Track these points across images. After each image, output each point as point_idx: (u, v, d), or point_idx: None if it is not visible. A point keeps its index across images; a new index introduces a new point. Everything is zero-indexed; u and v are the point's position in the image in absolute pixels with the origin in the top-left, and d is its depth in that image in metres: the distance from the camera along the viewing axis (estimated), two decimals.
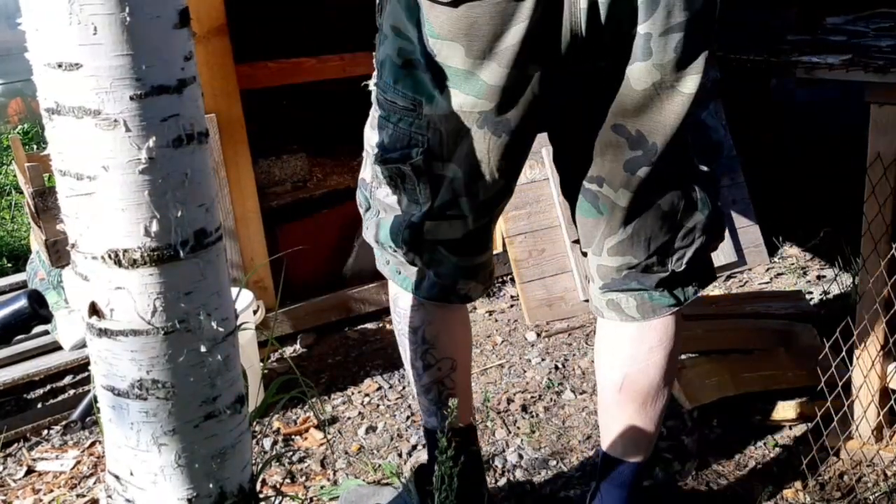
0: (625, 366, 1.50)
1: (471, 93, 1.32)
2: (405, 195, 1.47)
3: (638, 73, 1.29)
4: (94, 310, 0.91)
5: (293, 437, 2.14)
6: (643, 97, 1.31)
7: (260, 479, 1.80)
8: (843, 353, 1.77)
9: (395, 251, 1.53)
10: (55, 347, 2.31)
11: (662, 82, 1.30)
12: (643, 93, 1.31)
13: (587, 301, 2.64)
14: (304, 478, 1.97)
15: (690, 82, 1.30)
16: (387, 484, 1.91)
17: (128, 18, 0.81)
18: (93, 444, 2.13)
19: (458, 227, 1.48)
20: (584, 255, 1.51)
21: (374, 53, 1.43)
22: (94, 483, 1.99)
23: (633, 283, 1.46)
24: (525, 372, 2.37)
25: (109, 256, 0.88)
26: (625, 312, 1.48)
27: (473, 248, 1.52)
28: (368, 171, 1.52)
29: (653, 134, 1.34)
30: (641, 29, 1.26)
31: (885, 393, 1.79)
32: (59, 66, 0.83)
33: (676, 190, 1.39)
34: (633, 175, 1.36)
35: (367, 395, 2.31)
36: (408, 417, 2.18)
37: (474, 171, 1.41)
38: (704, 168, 1.39)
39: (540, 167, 2.75)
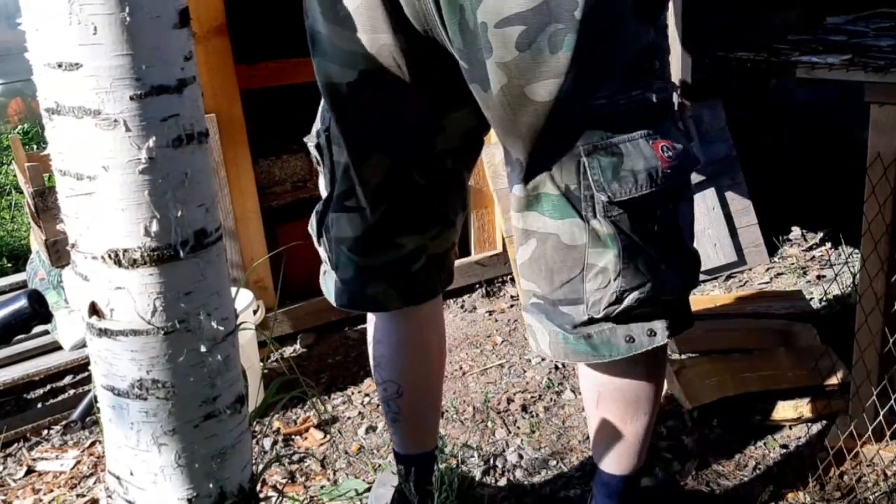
0: (598, 384, 1.42)
1: (335, 60, 1.28)
2: (323, 181, 1.46)
3: (490, 75, 1.16)
4: (93, 310, 0.91)
5: (293, 437, 2.14)
6: (499, 105, 1.18)
7: (260, 479, 1.80)
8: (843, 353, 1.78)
9: (318, 247, 1.51)
10: (55, 347, 2.32)
11: (510, 87, 1.15)
12: (497, 100, 1.17)
13: None
14: (304, 478, 1.97)
15: (542, 89, 1.13)
16: None
17: (128, 18, 0.81)
18: (93, 443, 2.13)
19: (357, 223, 1.41)
20: None
21: None
22: (94, 483, 1.99)
23: (542, 316, 1.34)
24: (525, 372, 2.37)
25: (109, 256, 0.88)
26: (539, 344, 1.36)
27: (377, 245, 1.44)
28: None
29: (515, 149, 1.23)
30: (479, 16, 1.11)
31: (884, 393, 1.78)
32: (59, 65, 0.83)
33: (575, 219, 1.23)
34: (513, 194, 1.27)
35: (367, 394, 2.31)
36: None
37: (356, 151, 1.35)
38: (602, 197, 1.19)
39: None
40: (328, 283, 1.55)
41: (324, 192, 1.48)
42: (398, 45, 1.25)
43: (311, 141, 1.46)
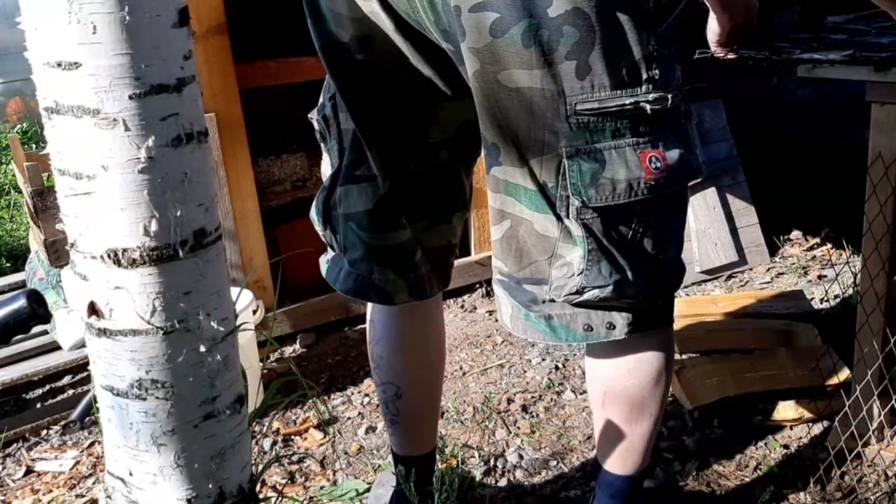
0: (604, 384, 1.42)
1: (329, 21, 1.30)
2: (329, 159, 1.45)
3: (465, 59, 1.16)
4: (93, 309, 0.91)
5: (293, 437, 2.14)
6: (474, 89, 1.19)
7: (259, 480, 1.80)
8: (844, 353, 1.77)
9: (322, 232, 1.51)
10: (54, 347, 2.31)
11: (483, 73, 1.15)
12: (472, 84, 1.19)
13: None
14: (303, 478, 1.96)
15: (516, 77, 1.13)
16: None
17: (127, 17, 0.81)
18: (92, 444, 2.13)
19: (369, 194, 1.41)
20: None
21: None
22: (93, 483, 1.98)
23: (505, 291, 1.35)
24: (525, 372, 2.37)
25: (108, 256, 0.87)
26: (502, 316, 1.37)
27: (385, 222, 1.43)
28: None
29: (490, 133, 1.23)
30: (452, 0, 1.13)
31: (885, 393, 1.78)
32: (59, 65, 0.82)
33: (549, 215, 1.23)
34: (489, 174, 1.28)
35: (366, 395, 2.31)
36: None
37: (362, 116, 1.36)
38: (576, 201, 1.19)
39: None
40: (333, 269, 1.53)
41: (328, 171, 1.47)
42: (389, 19, 1.26)
43: (315, 115, 1.45)
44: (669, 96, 1.17)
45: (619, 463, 1.49)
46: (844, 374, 2.02)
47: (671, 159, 1.20)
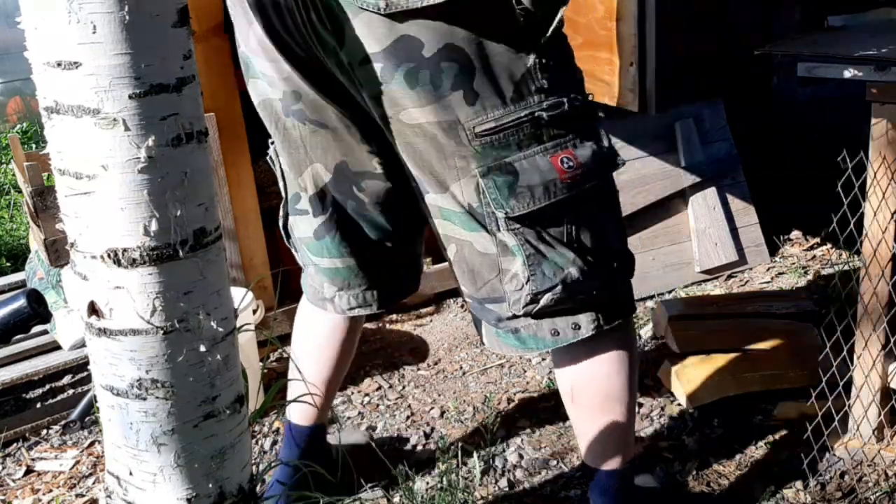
0: (571, 378, 1.46)
1: (262, 79, 1.38)
2: (282, 185, 1.60)
3: (369, 105, 1.27)
4: (93, 309, 0.91)
5: None
6: (385, 131, 1.29)
7: (260, 480, 1.79)
8: (844, 352, 1.77)
9: (290, 247, 1.66)
10: (54, 347, 2.31)
11: (384, 116, 1.25)
12: (382, 125, 1.28)
13: None
14: None
15: (414, 115, 1.22)
16: None
17: (127, 17, 0.81)
18: (92, 443, 2.13)
19: (307, 225, 1.53)
20: None
21: None
22: (94, 483, 1.98)
23: (474, 312, 1.43)
24: (525, 372, 2.37)
25: (108, 256, 0.87)
26: (482, 336, 1.45)
27: (325, 250, 1.54)
28: None
29: (409, 168, 1.31)
30: (344, 57, 1.23)
31: (885, 393, 1.78)
32: (59, 64, 0.82)
33: (482, 232, 1.31)
34: (424, 204, 1.35)
35: (366, 394, 2.31)
36: (408, 417, 2.18)
37: (294, 162, 1.47)
38: (500, 213, 1.26)
39: None
40: (305, 278, 1.68)
41: (284, 196, 1.60)
42: (302, 75, 1.33)
43: (270, 145, 1.58)
44: (565, 99, 1.24)
45: (601, 457, 1.51)
46: (844, 373, 2.02)
47: (583, 156, 1.26)
